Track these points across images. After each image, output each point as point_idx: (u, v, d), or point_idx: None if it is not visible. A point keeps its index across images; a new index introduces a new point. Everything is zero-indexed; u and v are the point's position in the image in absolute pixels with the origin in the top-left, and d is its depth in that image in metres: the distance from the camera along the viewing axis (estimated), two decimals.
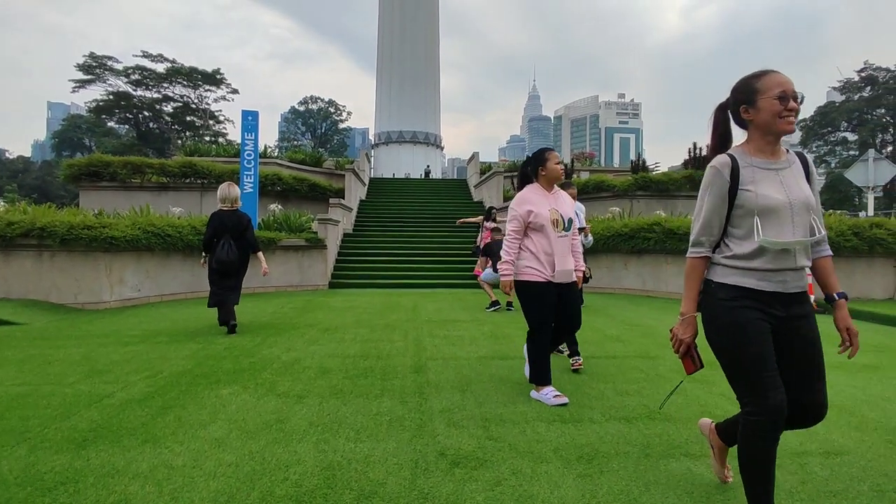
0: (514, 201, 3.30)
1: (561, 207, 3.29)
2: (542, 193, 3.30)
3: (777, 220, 1.68)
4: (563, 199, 3.36)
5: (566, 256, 3.27)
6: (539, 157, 3.37)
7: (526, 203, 3.24)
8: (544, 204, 3.24)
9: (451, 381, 3.63)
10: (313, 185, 15.66)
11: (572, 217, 3.32)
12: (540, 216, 3.19)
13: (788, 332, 1.75)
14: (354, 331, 5.58)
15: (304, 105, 71.02)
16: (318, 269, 10.41)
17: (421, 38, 67.73)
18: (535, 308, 3.24)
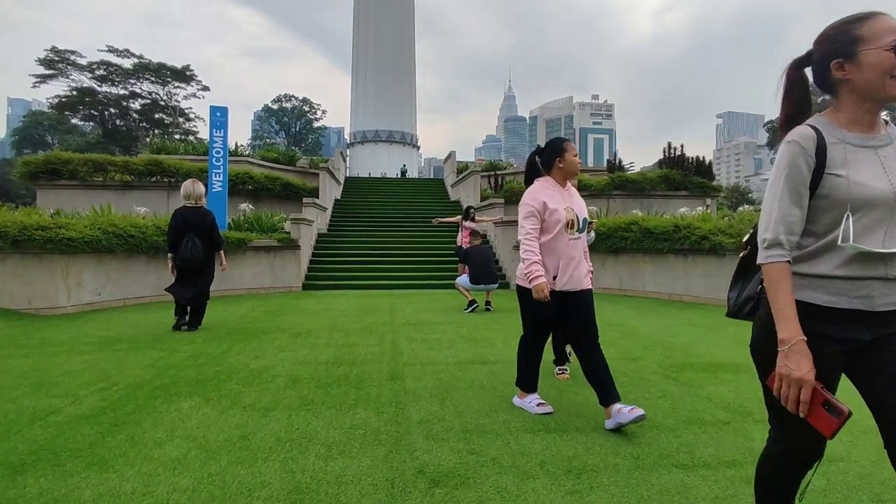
0: (526, 196, 2.90)
1: (576, 206, 2.91)
2: (556, 189, 2.90)
3: (873, 216, 1.24)
4: (577, 196, 2.98)
5: (579, 261, 2.88)
6: (557, 147, 2.93)
7: (541, 195, 2.84)
8: (560, 201, 2.85)
9: (429, 388, 3.45)
10: (286, 185, 15.26)
11: (587, 217, 2.94)
12: (557, 213, 2.80)
13: (874, 363, 1.32)
14: (328, 335, 5.35)
15: (277, 103, 69.87)
16: (292, 270, 10.10)
17: (397, 37, 67.40)
18: (532, 315, 2.98)
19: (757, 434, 2.65)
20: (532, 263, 2.78)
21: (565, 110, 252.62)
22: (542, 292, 2.72)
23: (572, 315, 2.89)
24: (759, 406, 3.11)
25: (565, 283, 2.84)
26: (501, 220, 11.15)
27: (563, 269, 2.82)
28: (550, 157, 2.94)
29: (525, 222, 2.85)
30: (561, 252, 2.82)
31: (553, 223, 2.81)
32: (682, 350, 4.69)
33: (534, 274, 2.76)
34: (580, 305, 2.88)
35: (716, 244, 7.97)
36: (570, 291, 2.86)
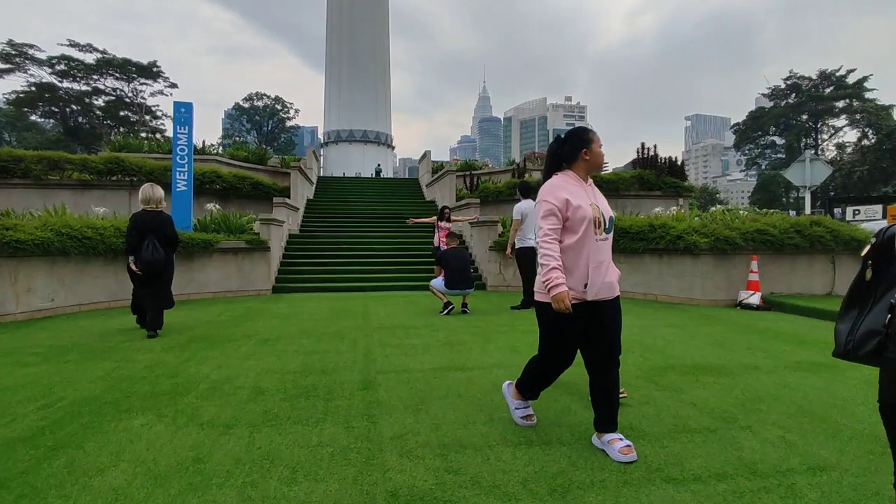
0: (544, 191, 2.50)
1: (601, 203, 2.54)
2: (578, 183, 2.52)
3: None
4: (600, 193, 2.61)
5: (608, 266, 2.49)
6: (583, 137, 2.56)
7: (562, 191, 2.45)
8: (584, 196, 2.47)
9: (403, 398, 3.26)
10: (256, 184, 14.82)
11: (612, 216, 2.57)
12: (581, 210, 2.41)
13: None
14: (297, 341, 5.10)
15: (248, 102, 68.47)
16: (261, 272, 9.75)
17: (370, 36, 66.89)
18: (556, 337, 2.50)
19: (745, 442, 2.55)
20: (551, 269, 2.37)
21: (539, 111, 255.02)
22: (562, 302, 2.32)
23: (599, 330, 2.48)
24: (743, 412, 3.02)
25: (598, 292, 2.42)
26: (477, 219, 11.01)
27: (594, 273, 2.41)
28: (575, 148, 2.55)
29: (543, 222, 2.44)
30: (590, 254, 2.41)
31: (578, 221, 2.40)
32: (662, 352, 4.61)
33: (553, 281, 2.35)
34: (610, 318, 2.49)
35: (690, 244, 7.98)
36: (601, 301, 2.45)
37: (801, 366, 4.14)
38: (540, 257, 2.43)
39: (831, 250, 8.27)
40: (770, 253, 8.15)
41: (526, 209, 7.54)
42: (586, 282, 2.40)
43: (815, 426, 2.79)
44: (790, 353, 4.59)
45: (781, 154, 52.07)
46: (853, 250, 8.35)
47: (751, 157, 54.94)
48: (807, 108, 48.37)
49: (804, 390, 3.46)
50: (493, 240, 10.38)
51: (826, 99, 47.20)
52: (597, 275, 2.41)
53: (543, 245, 2.42)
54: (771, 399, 3.25)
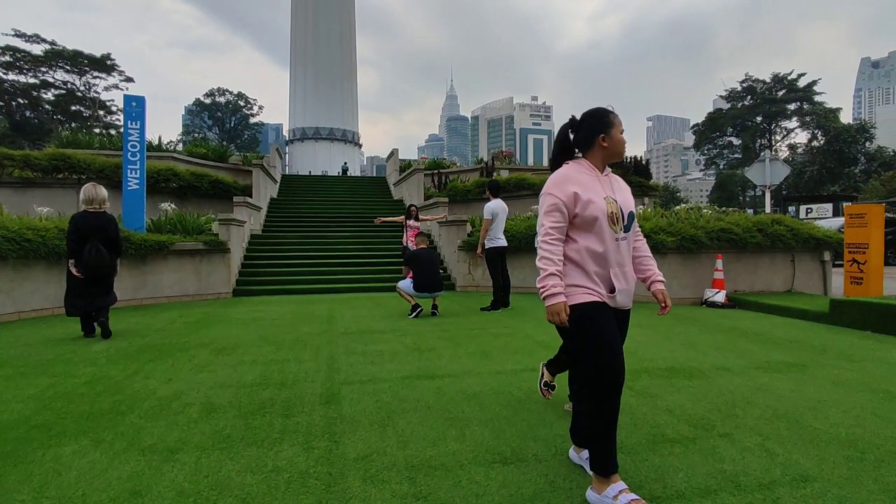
0: (550, 183, 2.11)
1: (620, 196, 2.13)
2: (592, 174, 2.12)
3: None
4: (620, 184, 2.21)
5: (628, 269, 2.16)
6: (603, 120, 2.13)
7: (570, 183, 2.06)
8: (597, 189, 2.08)
9: (368, 413, 3.05)
10: (216, 182, 14.25)
11: (633, 211, 2.17)
12: (593, 205, 2.02)
13: None
14: (256, 350, 4.81)
15: (210, 97, 66.44)
16: (220, 275, 9.32)
17: (336, 32, 65.91)
18: (593, 341, 1.99)
19: (725, 452, 2.46)
20: (548, 275, 2.02)
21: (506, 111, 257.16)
22: (558, 315, 2.00)
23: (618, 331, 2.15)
24: (720, 417, 2.95)
25: (624, 299, 2.12)
26: (445, 218, 10.85)
27: (618, 278, 2.08)
28: (591, 133, 2.13)
29: (546, 218, 2.07)
30: (611, 255, 2.06)
31: (590, 219, 2.02)
32: (634, 354, 4.54)
33: (549, 289, 2.01)
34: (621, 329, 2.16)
35: (657, 242, 8.02)
36: (624, 310, 2.17)
37: (771, 366, 4.14)
38: (538, 259, 2.07)
39: (791, 248, 8.47)
40: (734, 251, 8.28)
41: (496, 208, 7.42)
42: (612, 286, 2.07)
43: (792, 431, 2.73)
44: (758, 353, 4.60)
45: (738, 154, 53.98)
46: (811, 248, 8.58)
47: (709, 157, 56.73)
48: (761, 110, 50.27)
49: (776, 392, 3.42)
50: (463, 239, 10.24)
51: (779, 101, 49.17)
52: (620, 280, 2.09)
53: (544, 245, 2.05)
54: (745, 403, 3.19)
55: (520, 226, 9.79)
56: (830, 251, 8.70)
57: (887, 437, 2.66)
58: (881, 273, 7.14)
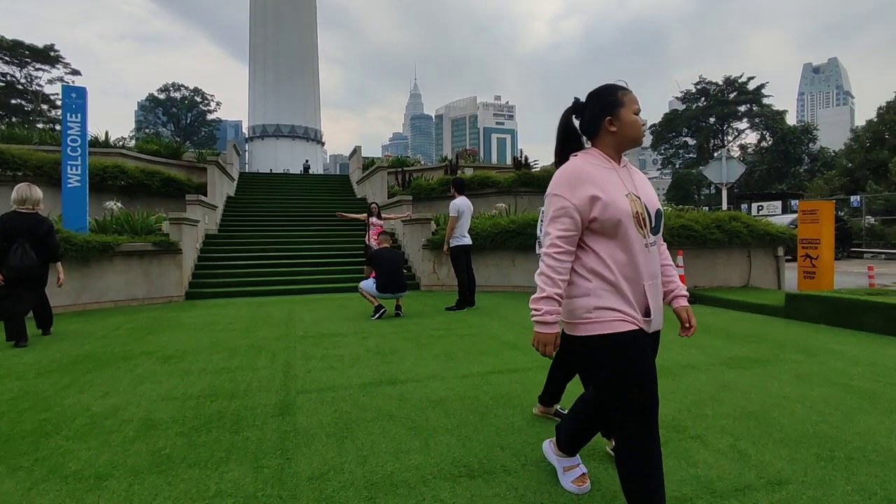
0: (558, 180, 1.69)
1: (644, 192, 1.73)
2: (608, 166, 1.71)
3: None
4: (641, 177, 1.79)
5: (660, 281, 1.79)
6: (608, 99, 1.73)
7: (584, 183, 1.64)
8: (616, 185, 1.67)
9: (326, 424, 2.84)
10: (168, 180, 13.58)
11: (661, 208, 1.77)
12: (614, 207, 1.62)
13: None
14: (207, 357, 4.50)
15: (164, 93, 63.87)
16: (172, 277, 8.83)
17: (297, 27, 64.55)
18: (625, 381, 1.60)
19: (698, 456, 2.38)
20: (545, 298, 1.62)
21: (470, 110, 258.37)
22: (545, 347, 1.66)
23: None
24: (690, 418, 2.88)
25: (657, 321, 1.73)
26: (409, 217, 10.65)
27: (653, 296, 1.70)
28: (596, 116, 1.74)
29: (552, 226, 1.66)
30: (642, 266, 1.65)
31: (611, 222, 1.62)
32: None
33: (544, 316, 1.62)
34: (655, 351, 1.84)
35: None
36: (655, 333, 1.77)
37: (735, 362, 4.15)
38: (537, 274, 1.67)
39: (748, 244, 8.69)
40: (693, 248, 8.42)
41: (462, 206, 7.29)
42: (647, 306, 1.67)
43: (762, 430, 2.69)
44: (721, 349, 4.62)
45: (693, 154, 55.81)
46: (766, 244, 8.83)
47: (666, 157, 58.44)
48: (714, 112, 52.10)
49: (743, 389, 3.41)
50: (427, 238, 10.07)
51: (730, 103, 51.09)
52: (655, 297, 1.70)
53: (546, 259, 1.64)
54: (714, 402, 3.16)
55: (484, 224, 9.70)
56: (784, 247, 8.98)
57: (852, 432, 2.65)
58: (832, 267, 7.40)
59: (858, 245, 20.02)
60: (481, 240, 9.23)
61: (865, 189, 28.02)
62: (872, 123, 35.39)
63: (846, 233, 19.39)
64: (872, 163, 32.15)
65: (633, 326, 1.62)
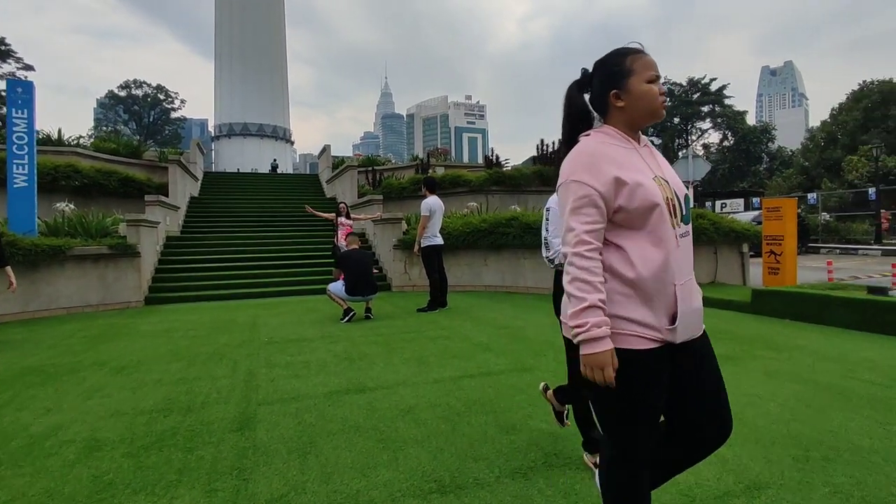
0: (573, 164, 1.39)
1: (669, 175, 1.44)
2: (628, 146, 1.43)
3: None
4: (662, 158, 1.51)
5: (692, 281, 1.43)
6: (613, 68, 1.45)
7: (605, 163, 1.36)
8: (641, 167, 1.40)
9: (288, 438, 2.67)
10: (127, 180, 13.05)
11: (688, 194, 1.50)
12: (643, 190, 1.34)
13: None
14: (164, 367, 4.25)
15: (125, 90, 61.61)
16: (129, 281, 8.42)
17: (264, 24, 63.24)
18: (628, 408, 1.38)
19: None
20: (588, 308, 1.28)
21: (441, 109, 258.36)
22: (604, 370, 1.28)
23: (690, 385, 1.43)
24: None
25: (689, 326, 1.38)
26: (380, 217, 10.46)
27: (683, 297, 1.36)
28: (602, 90, 1.47)
29: (575, 219, 1.34)
30: (673, 263, 1.35)
31: (642, 209, 1.33)
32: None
33: (592, 330, 1.27)
34: (706, 364, 1.47)
35: None
36: (688, 343, 1.40)
37: None
38: (569, 282, 1.33)
39: (714, 241, 8.83)
40: None
41: (434, 205, 7.16)
42: (675, 312, 1.34)
43: (737, 431, 2.62)
44: None
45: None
46: (732, 241, 9.00)
47: None
48: (679, 112, 53.44)
49: None
50: (398, 238, 9.90)
51: (694, 104, 52.50)
52: (686, 300, 1.36)
53: (576, 261, 1.31)
54: None
55: (456, 223, 9.59)
56: (748, 243, 9.17)
57: (826, 431, 2.64)
58: (795, 263, 7.57)
59: (815, 240, 20.78)
60: (453, 239, 9.12)
61: (821, 187, 29.16)
62: (826, 124, 36.90)
63: (804, 229, 20.09)
64: (827, 161, 33.50)
65: (649, 344, 1.32)
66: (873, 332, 5.06)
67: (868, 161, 26.81)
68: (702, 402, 1.44)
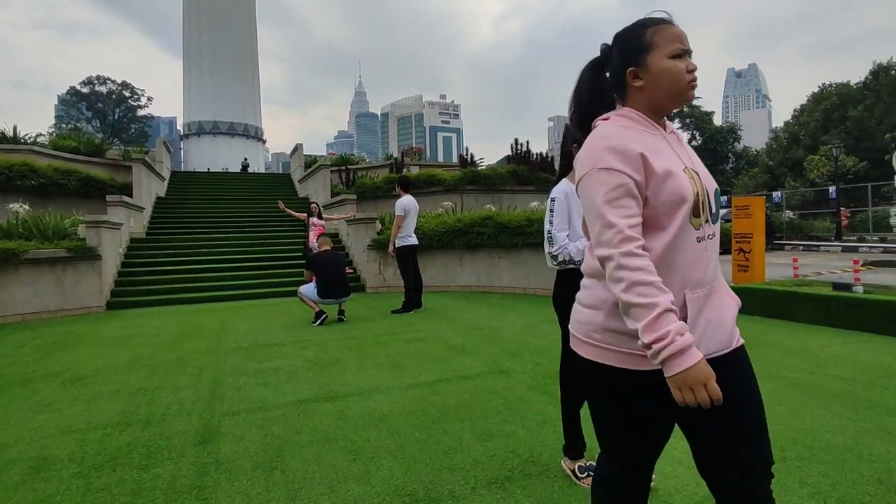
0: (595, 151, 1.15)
1: (701, 169, 1.24)
2: (652, 129, 1.22)
3: None
4: (689, 148, 1.30)
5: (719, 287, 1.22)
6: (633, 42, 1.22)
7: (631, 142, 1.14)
8: (670, 155, 1.19)
9: (253, 453, 2.53)
10: (88, 180, 12.54)
11: (718, 188, 1.28)
12: (673, 184, 1.13)
13: None
14: (123, 377, 4.03)
15: (88, 86, 59.37)
16: (90, 286, 8.06)
17: (234, 21, 62.00)
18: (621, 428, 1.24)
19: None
20: (661, 314, 1.02)
21: (415, 108, 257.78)
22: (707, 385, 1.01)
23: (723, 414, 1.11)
24: None
25: (711, 341, 1.15)
26: (354, 216, 10.29)
27: (700, 308, 1.15)
28: (618, 68, 1.25)
29: (614, 212, 1.10)
30: (688, 271, 1.15)
31: (670, 203, 1.13)
32: (549, 354, 4.38)
33: (675, 341, 1.01)
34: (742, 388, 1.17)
35: None
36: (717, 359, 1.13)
37: None
38: (623, 290, 1.05)
39: None
40: None
41: (408, 205, 7.05)
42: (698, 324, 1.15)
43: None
44: None
45: None
46: None
47: None
48: None
49: None
50: (372, 238, 9.75)
51: None
52: (705, 310, 1.15)
53: (627, 260, 1.06)
54: None
55: (431, 223, 9.50)
56: None
57: (799, 429, 2.65)
58: (763, 260, 7.72)
59: (780, 238, 21.40)
60: (428, 239, 9.03)
61: (785, 185, 30.11)
62: (789, 124, 38.13)
63: (770, 227, 20.69)
64: (790, 161, 34.62)
65: (640, 366, 1.13)
66: (838, 328, 5.17)
67: (828, 161, 27.81)
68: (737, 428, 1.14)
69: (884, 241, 19.18)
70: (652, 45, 1.19)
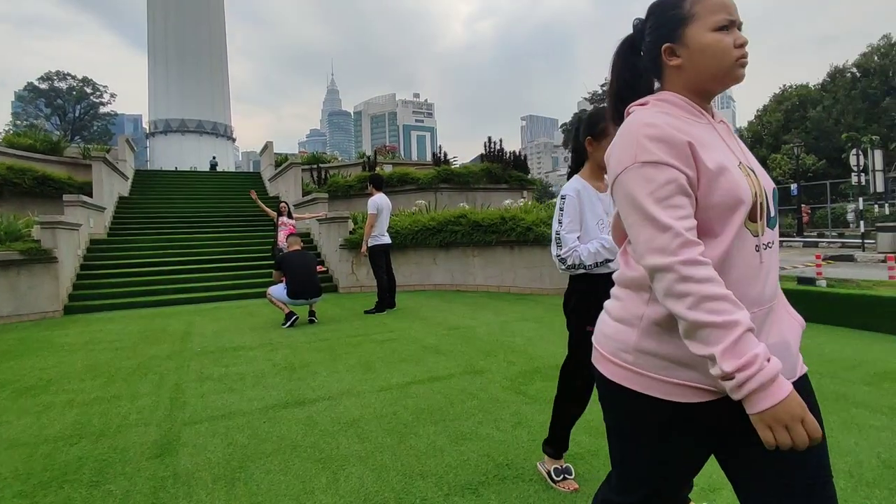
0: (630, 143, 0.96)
1: (757, 166, 1.03)
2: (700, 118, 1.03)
3: None
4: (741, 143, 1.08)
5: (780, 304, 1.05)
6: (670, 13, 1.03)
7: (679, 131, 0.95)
8: (722, 149, 1.00)
9: (214, 464, 2.40)
10: (44, 179, 12.01)
11: (776, 188, 1.07)
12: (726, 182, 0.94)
13: None
14: (78, 385, 3.82)
15: (47, 82, 56.84)
16: (46, 290, 7.67)
17: (202, 17, 60.51)
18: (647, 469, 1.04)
19: None
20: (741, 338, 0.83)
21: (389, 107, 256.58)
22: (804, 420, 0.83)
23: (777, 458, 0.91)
24: None
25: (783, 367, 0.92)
26: (325, 216, 10.10)
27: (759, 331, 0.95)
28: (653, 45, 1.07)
29: (664, 213, 0.90)
30: (744, 286, 0.95)
31: (723, 206, 0.94)
32: (523, 352, 4.35)
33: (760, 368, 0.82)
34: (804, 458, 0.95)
35: (539, 235, 8.10)
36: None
37: None
38: (689, 307, 0.86)
39: None
40: None
41: (381, 203, 6.93)
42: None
43: None
44: None
45: None
46: None
47: None
48: None
49: None
50: (345, 237, 9.58)
51: None
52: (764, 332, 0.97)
53: (691, 270, 0.87)
54: None
55: (404, 221, 9.40)
56: None
57: None
58: None
59: None
60: (401, 238, 8.93)
61: None
62: (752, 125, 39.27)
63: None
64: None
65: (696, 398, 0.94)
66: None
67: (790, 159, 28.75)
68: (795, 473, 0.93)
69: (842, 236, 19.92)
70: (691, 17, 1.01)
